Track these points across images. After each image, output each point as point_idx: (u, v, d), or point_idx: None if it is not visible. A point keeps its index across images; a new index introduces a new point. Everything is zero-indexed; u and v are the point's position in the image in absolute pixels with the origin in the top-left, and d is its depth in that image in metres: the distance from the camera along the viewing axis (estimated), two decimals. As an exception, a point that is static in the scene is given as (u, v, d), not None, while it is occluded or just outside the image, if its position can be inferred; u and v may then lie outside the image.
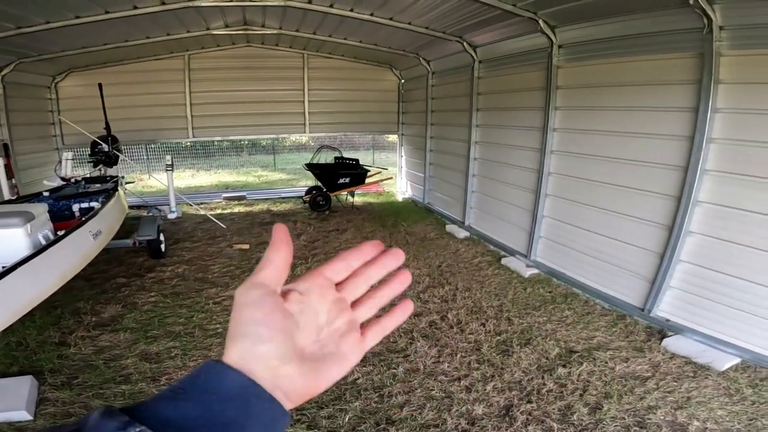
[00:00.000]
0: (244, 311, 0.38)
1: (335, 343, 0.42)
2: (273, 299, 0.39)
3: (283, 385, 0.37)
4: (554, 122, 4.97)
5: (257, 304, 0.38)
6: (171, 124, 8.52)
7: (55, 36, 5.42)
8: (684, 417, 2.66)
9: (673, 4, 3.43)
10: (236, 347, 0.36)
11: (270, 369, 0.36)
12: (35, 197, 4.80)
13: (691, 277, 3.67)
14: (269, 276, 0.40)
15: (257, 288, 0.39)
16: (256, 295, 0.38)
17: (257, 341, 0.36)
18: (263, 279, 0.40)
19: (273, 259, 0.40)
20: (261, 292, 0.39)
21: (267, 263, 0.40)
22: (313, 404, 2.82)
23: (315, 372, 0.39)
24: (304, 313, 0.41)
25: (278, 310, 0.38)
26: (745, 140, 3.24)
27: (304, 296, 0.41)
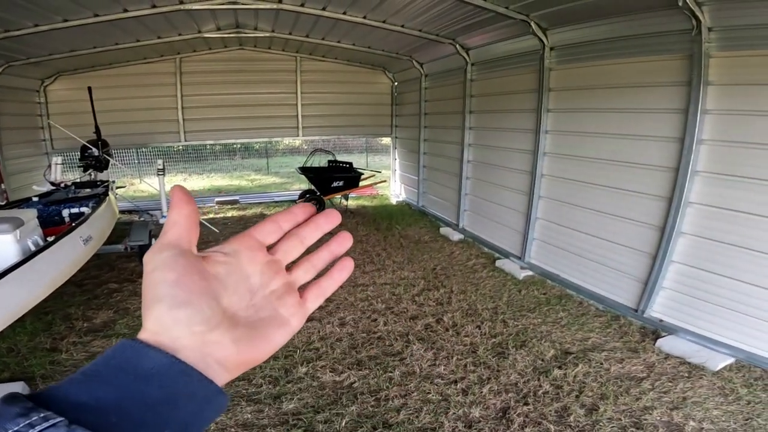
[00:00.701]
0: (155, 274, 0.34)
1: (272, 306, 0.39)
2: (187, 259, 0.35)
3: (215, 352, 0.33)
4: (546, 124, 5.00)
5: (168, 265, 0.34)
6: (162, 128, 8.45)
7: (43, 39, 5.36)
8: (680, 417, 2.67)
9: (662, 6, 3.46)
10: (152, 315, 0.32)
11: (195, 335, 0.32)
12: (24, 203, 4.73)
13: (684, 278, 3.70)
14: (176, 236, 0.36)
15: (167, 249, 0.35)
16: (165, 257, 0.34)
17: (174, 305, 0.32)
18: (170, 239, 0.36)
19: (176, 219, 0.37)
20: (171, 252, 0.35)
21: (171, 224, 0.37)
22: (309, 409, 2.80)
23: (252, 337, 0.36)
24: (231, 274, 0.37)
25: (195, 271, 0.35)
26: (734, 141, 3.28)
27: (230, 257, 0.38)
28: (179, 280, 0.33)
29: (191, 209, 0.38)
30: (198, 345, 0.32)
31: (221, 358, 0.34)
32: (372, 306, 4.33)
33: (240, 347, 0.35)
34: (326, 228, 0.45)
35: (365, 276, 5.14)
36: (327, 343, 3.59)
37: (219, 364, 0.33)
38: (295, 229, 0.43)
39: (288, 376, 3.13)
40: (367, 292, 4.68)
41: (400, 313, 4.18)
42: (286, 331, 0.39)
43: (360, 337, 3.72)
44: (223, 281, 0.36)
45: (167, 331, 0.32)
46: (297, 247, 0.43)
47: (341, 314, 4.13)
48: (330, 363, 3.31)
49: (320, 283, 0.44)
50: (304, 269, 0.44)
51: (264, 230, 0.42)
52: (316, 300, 0.43)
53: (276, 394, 2.94)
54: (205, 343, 0.33)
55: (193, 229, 0.37)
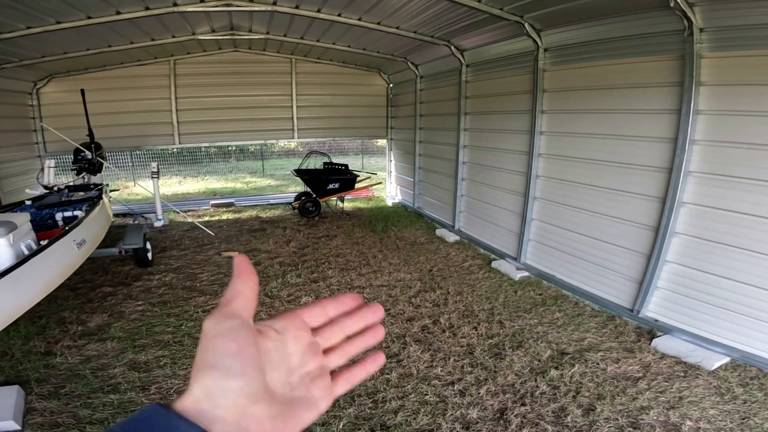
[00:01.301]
0: (217, 342, 0.34)
1: (306, 386, 0.40)
2: (248, 331, 0.36)
3: (252, 426, 0.33)
4: (541, 125, 5.02)
5: (231, 335, 0.34)
6: (156, 131, 8.41)
7: (35, 42, 5.32)
8: (677, 417, 2.68)
9: (654, 7, 3.49)
10: (203, 381, 0.33)
11: (238, 408, 0.32)
12: (17, 206, 4.68)
13: (678, 278, 3.72)
14: (240, 306, 0.37)
15: (231, 318, 0.36)
16: (230, 326, 0.35)
17: (228, 374, 0.33)
18: (234, 309, 0.37)
19: (241, 290, 0.38)
20: (235, 323, 0.35)
21: (236, 294, 0.38)
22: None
23: (285, 415, 0.36)
24: (278, 352, 0.38)
25: (253, 344, 0.35)
26: (727, 141, 3.30)
27: (280, 335, 0.39)
28: (240, 352, 0.34)
29: (255, 282, 0.39)
30: (238, 417, 0.32)
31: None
32: (368, 308, 4.32)
33: (275, 423, 0.35)
34: (370, 321, 0.46)
35: (361, 278, 5.13)
36: (324, 345, 3.57)
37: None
38: (340, 318, 0.45)
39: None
40: (363, 294, 4.67)
41: (397, 315, 4.17)
42: (314, 412, 0.40)
43: (357, 339, 3.71)
44: (270, 357, 0.37)
45: (211, 399, 0.32)
46: (337, 334, 0.45)
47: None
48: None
49: (352, 370, 0.45)
50: (339, 355, 0.45)
51: (312, 313, 0.44)
52: (345, 385, 0.44)
53: (273, 398, 2.92)
54: (244, 416, 0.33)
55: (254, 302, 0.39)
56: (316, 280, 5.07)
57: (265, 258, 5.84)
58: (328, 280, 5.04)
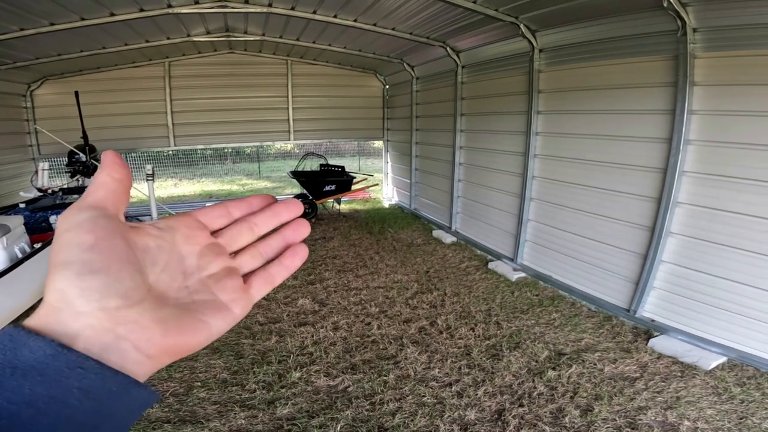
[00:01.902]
0: (67, 236, 0.29)
1: (209, 290, 0.35)
2: (110, 222, 0.30)
3: (133, 334, 0.28)
4: (537, 126, 5.03)
5: (86, 226, 0.29)
6: (151, 133, 8.36)
7: (29, 43, 5.29)
8: (674, 417, 2.68)
9: (647, 7, 3.51)
10: (55, 284, 0.27)
11: (107, 312, 0.27)
12: (11, 209, 4.65)
13: (674, 278, 3.73)
14: (102, 197, 0.31)
15: (87, 210, 0.30)
16: (85, 217, 0.30)
17: (85, 271, 0.27)
18: (94, 200, 0.31)
19: (104, 180, 0.32)
20: (92, 214, 0.30)
21: (97, 185, 0.32)
22: (304, 414, 2.76)
23: (182, 318, 0.31)
24: (162, 251, 0.33)
25: (118, 236, 0.30)
26: (721, 141, 3.32)
27: (163, 232, 0.34)
28: (98, 244, 0.28)
29: (125, 173, 0.33)
30: (110, 324, 0.27)
31: (141, 342, 0.28)
32: (365, 310, 4.31)
33: (166, 328, 0.30)
34: (284, 217, 0.41)
35: (358, 280, 5.12)
36: (321, 347, 3.56)
37: (138, 350, 0.28)
38: (247, 216, 0.40)
39: (282, 381, 3.10)
40: (360, 295, 4.65)
41: (394, 317, 4.16)
42: (225, 317, 0.35)
43: (354, 341, 3.70)
44: (152, 255, 0.32)
45: (70, 306, 0.27)
46: (246, 234, 0.39)
47: (334, 318, 4.10)
48: (324, 367, 3.28)
49: (268, 269, 0.40)
50: (251, 255, 0.39)
51: (210, 214, 0.39)
52: (262, 287, 0.39)
53: (270, 400, 2.91)
54: (119, 322, 0.28)
55: (123, 194, 0.33)
56: (312, 282, 5.05)
57: (261, 260, 5.80)
58: (325, 282, 5.03)
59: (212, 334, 0.33)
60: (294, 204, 0.41)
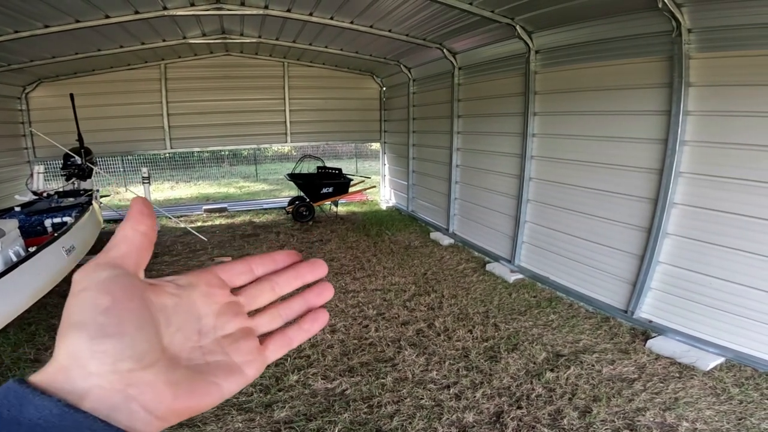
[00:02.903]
0: (84, 296, 0.28)
1: (224, 351, 0.34)
2: (129, 282, 0.30)
3: (144, 396, 0.28)
4: (533, 127, 5.04)
5: (104, 287, 0.28)
6: (148, 135, 8.33)
7: (24, 46, 5.26)
8: (673, 418, 2.68)
9: (643, 8, 3.52)
10: (65, 344, 0.27)
11: (119, 374, 0.27)
12: (6, 213, 4.61)
13: (671, 278, 3.73)
14: (122, 253, 0.31)
15: (107, 268, 0.29)
16: (104, 277, 0.29)
17: (98, 335, 0.26)
18: (113, 257, 0.30)
19: (128, 234, 0.31)
20: (111, 273, 0.29)
21: (120, 240, 0.31)
22: (301, 417, 2.75)
23: (194, 381, 0.31)
24: (180, 310, 0.32)
25: (136, 297, 0.29)
26: (716, 142, 3.32)
27: (182, 290, 0.33)
28: (114, 307, 0.28)
29: (149, 226, 0.33)
30: (121, 385, 0.27)
31: (151, 404, 0.28)
32: (363, 312, 4.29)
33: (178, 391, 0.29)
34: (308, 279, 0.41)
35: (356, 282, 5.10)
36: (318, 350, 3.54)
37: (147, 411, 0.28)
38: (270, 275, 0.39)
39: (279, 384, 3.08)
40: (357, 298, 4.64)
41: (392, 319, 4.15)
42: (237, 379, 0.34)
43: (351, 343, 3.68)
44: (168, 315, 0.31)
45: (80, 366, 0.26)
46: (266, 294, 0.39)
47: (332, 321, 4.08)
48: (321, 370, 3.27)
49: (286, 332, 0.39)
50: (270, 316, 0.39)
51: (231, 270, 0.38)
52: (279, 350, 0.38)
53: (267, 403, 2.89)
54: (131, 384, 0.27)
55: (145, 249, 0.32)
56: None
57: (258, 263, 5.78)
58: (322, 285, 5.00)
59: (223, 395, 0.33)
60: (319, 265, 0.41)
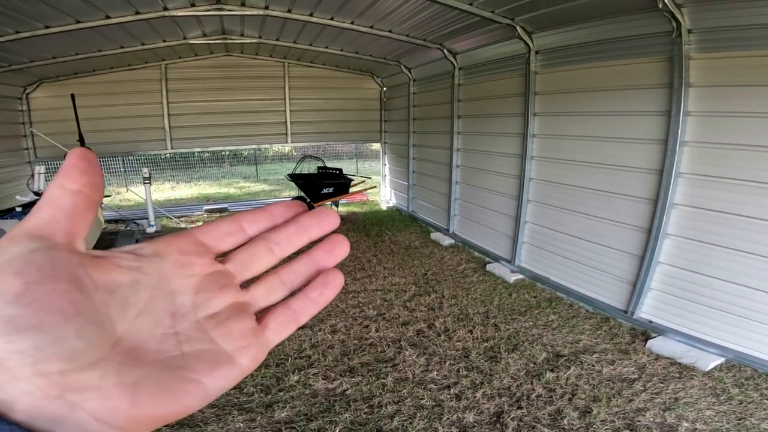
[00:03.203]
0: None
1: (207, 336, 0.27)
2: (53, 258, 0.23)
3: (89, 402, 0.21)
4: (533, 128, 5.04)
5: (14, 267, 0.22)
6: (148, 136, 8.34)
7: (24, 46, 5.27)
8: (673, 418, 2.68)
9: (643, 9, 3.52)
10: None
11: (47, 378, 0.20)
12: (7, 213, 4.62)
13: (671, 279, 3.74)
14: (47, 221, 0.24)
15: (20, 242, 0.23)
16: (16, 253, 0.22)
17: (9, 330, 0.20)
18: (34, 228, 0.23)
19: (54, 195, 0.24)
20: (26, 247, 0.22)
21: (43, 203, 0.24)
22: (302, 417, 2.75)
23: (163, 383, 0.24)
24: (142, 288, 0.26)
25: (62, 277, 0.22)
26: (716, 143, 3.32)
27: (144, 261, 0.26)
28: (27, 292, 0.21)
29: (87, 182, 0.25)
30: (55, 391, 0.21)
31: (104, 412, 0.21)
32: (363, 312, 4.30)
33: (137, 396, 0.23)
34: (314, 233, 0.32)
35: (356, 282, 5.11)
36: (318, 350, 3.55)
37: (101, 422, 0.21)
38: (266, 232, 0.31)
39: (280, 384, 3.08)
40: (358, 298, 4.64)
41: (392, 319, 4.15)
42: (226, 371, 0.27)
43: (352, 343, 3.69)
44: (123, 296, 0.25)
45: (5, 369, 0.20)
46: (264, 257, 0.31)
47: (332, 321, 4.09)
48: (322, 370, 3.27)
49: (290, 305, 0.31)
50: (269, 287, 0.31)
51: (215, 231, 0.30)
52: (282, 328, 0.30)
53: (268, 403, 2.89)
54: (68, 389, 0.21)
55: (81, 213, 0.25)
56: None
57: (258, 263, 5.79)
58: (323, 285, 5.00)
59: (209, 394, 0.26)
60: (328, 215, 0.33)
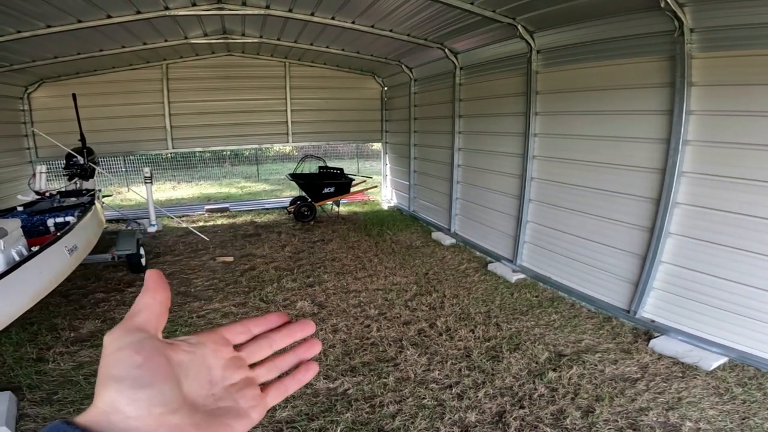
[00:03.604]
0: (120, 355, 0.34)
1: (232, 397, 0.40)
2: (154, 343, 0.36)
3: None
4: (535, 127, 5.03)
5: (135, 347, 0.34)
6: (149, 135, 8.35)
7: (26, 46, 5.28)
8: (676, 418, 2.67)
9: (645, 8, 3.51)
10: (106, 393, 0.32)
11: (153, 417, 0.32)
12: (9, 212, 4.62)
13: (674, 278, 3.72)
14: (145, 320, 0.37)
15: (134, 333, 0.36)
16: (133, 339, 0.35)
17: (136, 385, 0.32)
18: (139, 323, 0.37)
19: (149, 303, 0.38)
20: (139, 336, 0.35)
21: (142, 308, 0.38)
22: (303, 416, 2.75)
23: (211, 423, 0.36)
24: (194, 364, 0.38)
25: (161, 355, 0.35)
26: (719, 142, 3.31)
27: (194, 347, 0.39)
28: (145, 363, 0.34)
29: (165, 296, 0.39)
30: (155, 427, 0.32)
31: None
32: (365, 312, 4.29)
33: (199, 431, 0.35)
34: (298, 336, 0.47)
35: (357, 282, 5.10)
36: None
37: None
38: (266, 333, 0.46)
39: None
40: (359, 298, 4.64)
41: (393, 319, 4.15)
42: (245, 421, 0.39)
43: (353, 343, 3.68)
44: (185, 369, 0.37)
45: (118, 411, 0.31)
46: (264, 349, 0.45)
47: (334, 321, 4.08)
48: (323, 370, 3.26)
49: (283, 382, 0.46)
50: (268, 368, 0.45)
51: (233, 330, 0.44)
52: (277, 396, 0.44)
53: (268, 404, 2.88)
54: (162, 425, 0.32)
55: (163, 315, 0.39)
56: (311, 284, 5.03)
57: (260, 263, 5.79)
58: (324, 285, 5.01)
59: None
60: (307, 325, 0.48)
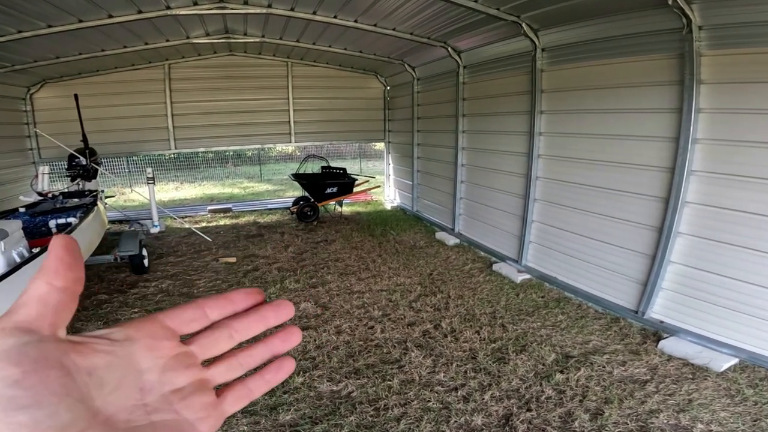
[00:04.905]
0: None
1: (172, 408, 0.31)
2: (44, 348, 0.27)
3: None
4: (540, 126, 4.98)
5: (11, 357, 0.25)
6: (152, 136, 8.34)
7: (27, 46, 5.26)
8: (687, 420, 2.62)
9: (652, 5, 3.46)
10: None
11: None
12: (11, 213, 4.61)
13: (683, 278, 3.67)
14: (35, 316, 0.27)
15: (12, 335, 0.26)
16: (9, 346, 0.26)
17: (11, 407, 0.24)
18: (21, 321, 0.27)
19: (42, 292, 0.28)
20: (19, 341, 0.26)
21: (31, 298, 0.28)
22: (307, 420, 2.71)
23: None
24: (114, 368, 0.29)
25: (53, 366, 0.26)
26: (729, 140, 3.26)
27: (116, 346, 0.30)
28: (25, 379, 0.25)
29: (71, 278, 0.29)
30: None
31: None
32: (368, 313, 4.25)
33: None
34: (272, 322, 0.36)
35: (361, 283, 5.06)
36: (323, 351, 3.50)
37: None
38: (228, 319, 0.35)
39: (284, 387, 3.04)
40: (363, 299, 4.60)
41: (398, 320, 4.10)
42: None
43: (357, 345, 3.64)
44: (99, 376, 0.28)
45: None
46: (223, 341, 0.35)
47: (337, 322, 4.04)
48: (327, 372, 3.23)
49: (246, 383, 0.36)
50: (228, 366, 0.35)
51: (180, 317, 0.34)
52: (237, 401, 0.35)
53: (272, 405, 2.85)
54: None
55: (66, 305, 0.28)
56: (315, 285, 5.00)
57: (263, 263, 5.76)
58: (327, 285, 4.97)
59: None
60: (284, 306, 0.36)
